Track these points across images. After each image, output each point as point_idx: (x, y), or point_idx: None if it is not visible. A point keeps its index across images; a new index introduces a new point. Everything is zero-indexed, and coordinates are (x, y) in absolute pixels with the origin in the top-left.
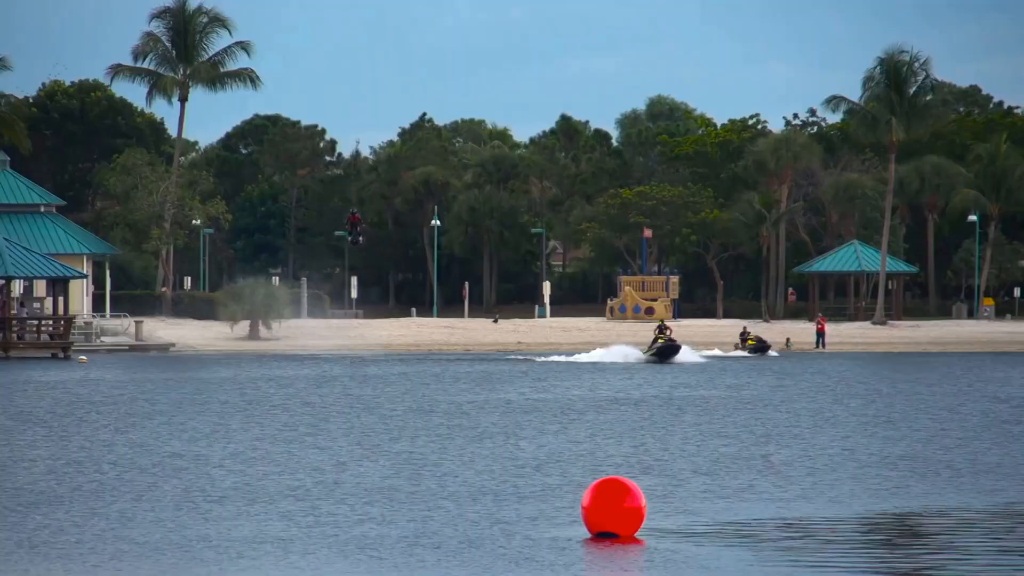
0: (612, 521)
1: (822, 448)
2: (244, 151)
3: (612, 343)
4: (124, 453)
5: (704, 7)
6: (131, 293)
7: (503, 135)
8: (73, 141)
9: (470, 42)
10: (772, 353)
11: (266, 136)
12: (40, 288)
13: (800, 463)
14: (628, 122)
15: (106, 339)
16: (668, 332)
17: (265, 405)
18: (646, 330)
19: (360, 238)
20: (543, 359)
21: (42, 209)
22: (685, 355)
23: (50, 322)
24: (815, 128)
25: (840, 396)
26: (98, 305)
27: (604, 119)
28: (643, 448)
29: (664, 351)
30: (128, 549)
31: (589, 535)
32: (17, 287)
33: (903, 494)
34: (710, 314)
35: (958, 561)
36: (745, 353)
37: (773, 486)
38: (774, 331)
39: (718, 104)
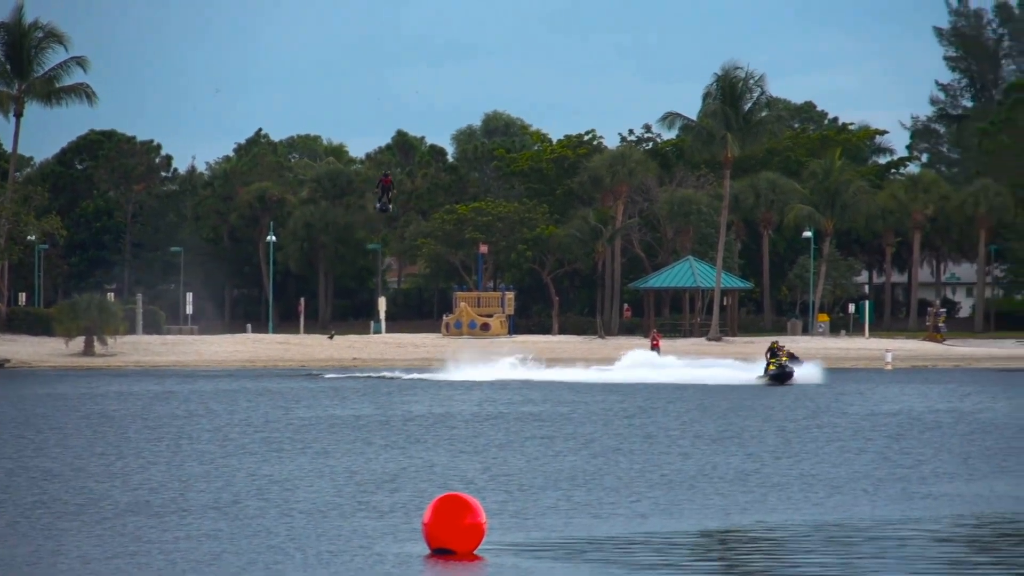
0: (451, 537)
1: (669, 463)
2: (79, 166)
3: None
4: None
5: (540, 21)
6: None
7: (339, 151)
8: None
9: (305, 57)
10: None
11: (101, 152)
12: None
13: (647, 478)
14: (464, 138)
15: None
16: (781, 356)
17: (105, 421)
18: (483, 346)
19: (390, 205)
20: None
21: None
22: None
23: None
24: (651, 144)
25: (684, 411)
26: None
27: (440, 135)
28: (490, 463)
29: (779, 377)
30: None
31: (430, 551)
32: None
33: (752, 510)
34: (546, 330)
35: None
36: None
37: (621, 501)
38: (609, 347)
39: (553, 120)
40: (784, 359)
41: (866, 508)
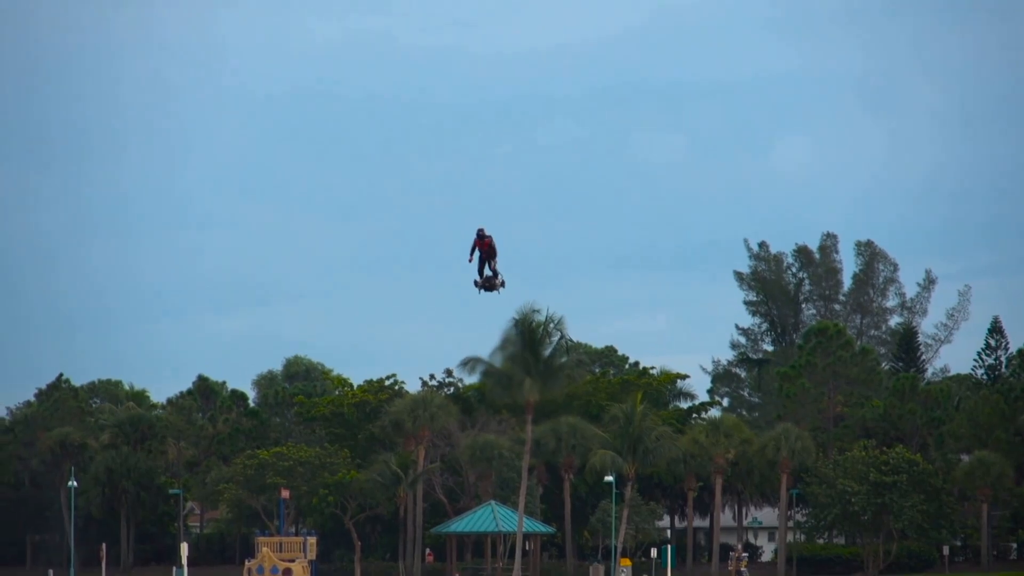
0: None
1: None
2: None
3: None
4: None
5: (341, 265)
6: None
7: (140, 396)
8: None
9: (106, 301)
10: None
11: None
12: None
13: None
14: (265, 382)
15: None
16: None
17: None
18: None
19: (499, 279)
20: None
21: None
22: None
23: None
24: (452, 389)
25: None
26: None
27: (241, 380)
28: None
29: None
30: None
31: None
32: None
33: None
34: (348, 575)
35: None
36: None
37: None
38: None
39: (354, 364)
40: None
41: None
